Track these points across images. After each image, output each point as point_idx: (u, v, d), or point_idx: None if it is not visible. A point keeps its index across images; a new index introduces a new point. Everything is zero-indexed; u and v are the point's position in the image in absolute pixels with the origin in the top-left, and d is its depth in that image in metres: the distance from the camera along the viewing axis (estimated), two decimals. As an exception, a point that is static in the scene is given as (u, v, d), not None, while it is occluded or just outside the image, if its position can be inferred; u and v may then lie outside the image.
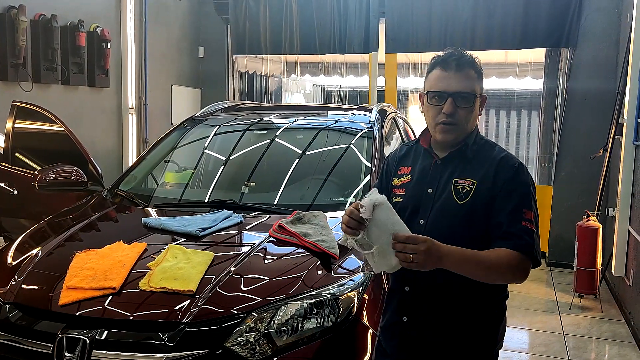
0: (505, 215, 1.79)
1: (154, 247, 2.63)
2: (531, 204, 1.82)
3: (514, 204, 1.80)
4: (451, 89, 1.85)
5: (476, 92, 1.87)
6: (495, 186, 1.82)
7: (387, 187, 2.06)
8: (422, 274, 1.79)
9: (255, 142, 3.83)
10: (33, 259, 2.59)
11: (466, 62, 1.88)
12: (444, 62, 1.88)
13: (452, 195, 1.85)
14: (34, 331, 2.23)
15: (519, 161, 1.87)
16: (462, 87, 1.85)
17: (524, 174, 1.85)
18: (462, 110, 1.85)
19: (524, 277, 1.80)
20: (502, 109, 8.46)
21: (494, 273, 1.76)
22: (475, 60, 1.91)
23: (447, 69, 1.87)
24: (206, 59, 7.70)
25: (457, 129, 1.87)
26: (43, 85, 5.03)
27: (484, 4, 6.29)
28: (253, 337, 2.12)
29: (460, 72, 1.86)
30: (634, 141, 4.63)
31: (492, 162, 1.86)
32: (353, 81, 8.07)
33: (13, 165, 4.07)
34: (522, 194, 1.82)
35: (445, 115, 1.86)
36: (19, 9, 4.58)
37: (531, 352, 4.20)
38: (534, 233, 1.79)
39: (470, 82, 1.86)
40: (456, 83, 1.85)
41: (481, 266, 1.74)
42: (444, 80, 1.87)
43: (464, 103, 1.85)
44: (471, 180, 1.85)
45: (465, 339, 1.88)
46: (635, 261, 4.47)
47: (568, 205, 6.29)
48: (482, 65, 1.93)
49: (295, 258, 2.55)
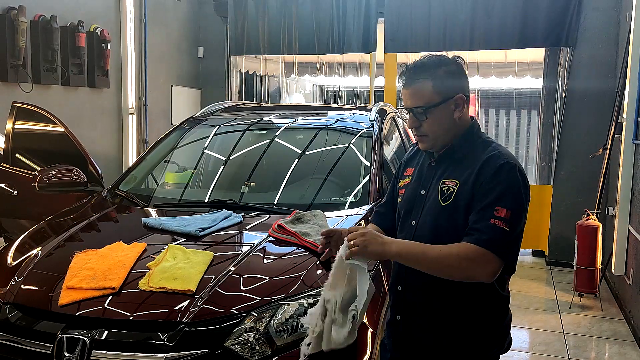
0: (475, 213, 1.75)
1: (153, 247, 2.63)
2: (509, 203, 1.73)
3: (487, 202, 1.74)
4: (407, 106, 1.90)
5: (431, 103, 1.84)
6: (475, 186, 1.79)
7: (397, 190, 2.10)
8: (413, 273, 1.80)
9: (254, 142, 3.83)
10: (33, 260, 2.59)
11: (417, 73, 1.87)
12: (400, 77, 1.93)
13: (438, 196, 1.86)
14: (34, 331, 2.23)
15: (506, 160, 1.79)
16: (413, 103, 1.87)
17: (505, 172, 1.77)
18: (425, 122, 1.87)
19: (484, 272, 1.71)
20: (501, 109, 8.46)
21: (443, 264, 1.71)
22: (438, 64, 1.87)
23: (404, 86, 1.91)
24: (206, 60, 7.70)
25: (429, 139, 1.90)
26: (43, 86, 5.03)
27: (483, 3, 6.29)
28: (252, 336, 2.12)
29: (411, 86, 1.88)
30: (633, 140, 4.63)
31: (478, 162, 1.82)
32: (352, 81, 8.07)
33: (13, 166, 4.07)
34: (499, 193, 1.74)
35: (411, 129, 1.94)
36: (19, 9, 4.58)
37: (531, 351, 4.20)
38: (503, 231, 1.71)
39: (422, 95, 1.85)
40: (408, 99, 1.89)
41: (429, 255, 1.73)
42: (404, 97, 1.92)
43: (420, 117, 1.87)
44: (455, 181, 1.84)
45: (457, 340, 1.86)
46: (635, 260, 4.48)
47: (568, 204, 6.30)
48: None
49: (294, 258, 2.55)
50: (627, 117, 4.70)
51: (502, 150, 1.86)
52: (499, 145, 1.90)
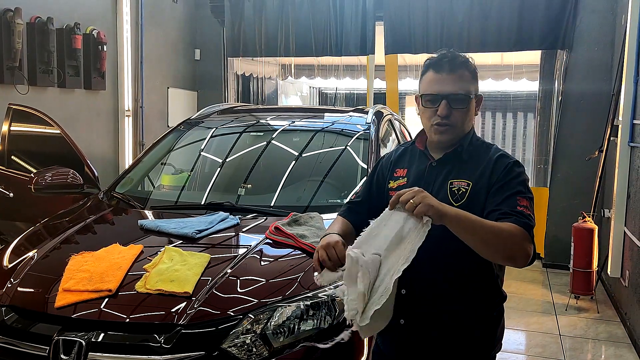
0: (500, 203, 1.75)
1: (150, 249, 2.63)
2: (526, 195, 1.78)
3: (509, 193, 1.76)
4: (444, 91, 1.84)
5: (470, 93, 1.86)
6: (490, 184, 1.81)
7: (380, 190, 2.05)
8: (418, 276, 1.77)
9: (251, 144, 3.83)
10: (29, 262, 2.58)
11: (459, 63, 1.87)
12: (437, 64, 1.88)
13: (447, 196, 1.83)
14: (30, 334, 2.22)
15: (514, 159, 1.86)
16: (456, 89, 1.84)
17: (517, 169, 1.83)
18: (457, 112, 1.85)
19: (526, 256, 1.69)
20: (497, 111, 8.48)
21: (496, 238, 1.66)
22: (469, 60, 1.90)
23: (440, 71, 1.86)
24: (202, 62, 7.70)
25: (453, 130, 1.87)
26: (39, 88, 5.02)
27: (480, 6, 6.30)
28: (249, 338, 2.12)
29: (453, 73, 1.85)
30: (629, 142, 4.64)
31: (489, 162, 1.85)
32: (350, 83, 8.08)
33: (9, 168, 4.07)
34: (517, 186, 1.78)
35: (440, 117, 1.85)
36: (15, 11, 4.57)
37: (528, 353, 4.21)
38: (531, 217, 1.73)
39: (464, 83, 1.86)
40: (449, 85, 1.84)
41: (485, 226, 1.66)
42: (437, 83, 1.86)
43: (458, 104, 1.85)
44: (467, 181, 1.83)
45: (462, 342, 1.87)
46: (631, 262, 4.49)
47: (564, 207, 6.31)
48: (477, 67, 1.93)
49: (291, 260, 2.55)
50: (622, 119, 4.71)
51: (504, 151, 1.92)
52: (497, 147, 1.95)
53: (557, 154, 6.38)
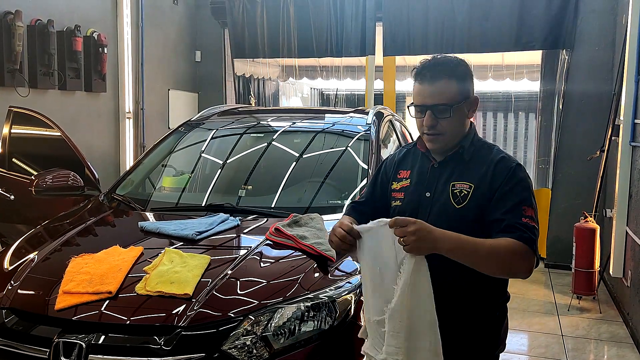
0: (504, 213, 1.76)
1: (150, 251, 2.63)
2: (531, 202, 1.79)
3: (514, 202, 1.77)
4: (427, 102, 1.85)
5: (455, 101, 1.84)
6: (493, 188, 1.81)
7: (383, 191, 2.06)
8: None
9: (252, 146, 3.83)
10: (29, 264, 2.58)
11: (441, 71, 1.85)
12: (419, 74, 1.88)
13: (449, 199, 1.84)
14: (31, 336, 2.22)
15: (517, 162, 1.86)
16: (437, 100, 1.84)
17: (520, 174, 1.83)
18: (444, 121, 1.85)
19: (527, 271, 1.73)
20: (499, 111, 8.48)
21: (494, 259, 1.69)
22: (454, 65, 1.88)
23: (422, 82, 1.87)
24: (203, 63, 7.70)
25: (443, 137, 1.87)
26: (40, 91, 5.02)
27: (480, 6, 6.29)
28: (250, 340, 2.12)
29: (435, 82, 1.84)
30: (630, 142, 4.63)
31: (490, 164, 1.85)
32: (350, 84, 8.08)
33: (10, 171, 4.07)
34: (521, 192, 1.79)
35: (427, 127, 1.86)
36: (15, 14, 4.58)
37: (530, 353, 4.19)
38: (535, 228, 1.75)
39: (447, 92, 1.84)
40: (430, 96, 1.85)
41: (480, 251, 1.69)
42: (420, 94, 1.87)
43: (442, 114, 1.84)
44: (469, 183, 1.84)
45: (466, 342, 1.87)
46: (633, 262, 4.48)
47: (565, 207, 6.29)
48: (472, 68, 1.92)
49: (292, 261, 2.54)
50: (624, 119, 4.70)
51: (506, 153, 1.91)
52: (499, 148, 1.95)
53: (559, 154, 6.37)
